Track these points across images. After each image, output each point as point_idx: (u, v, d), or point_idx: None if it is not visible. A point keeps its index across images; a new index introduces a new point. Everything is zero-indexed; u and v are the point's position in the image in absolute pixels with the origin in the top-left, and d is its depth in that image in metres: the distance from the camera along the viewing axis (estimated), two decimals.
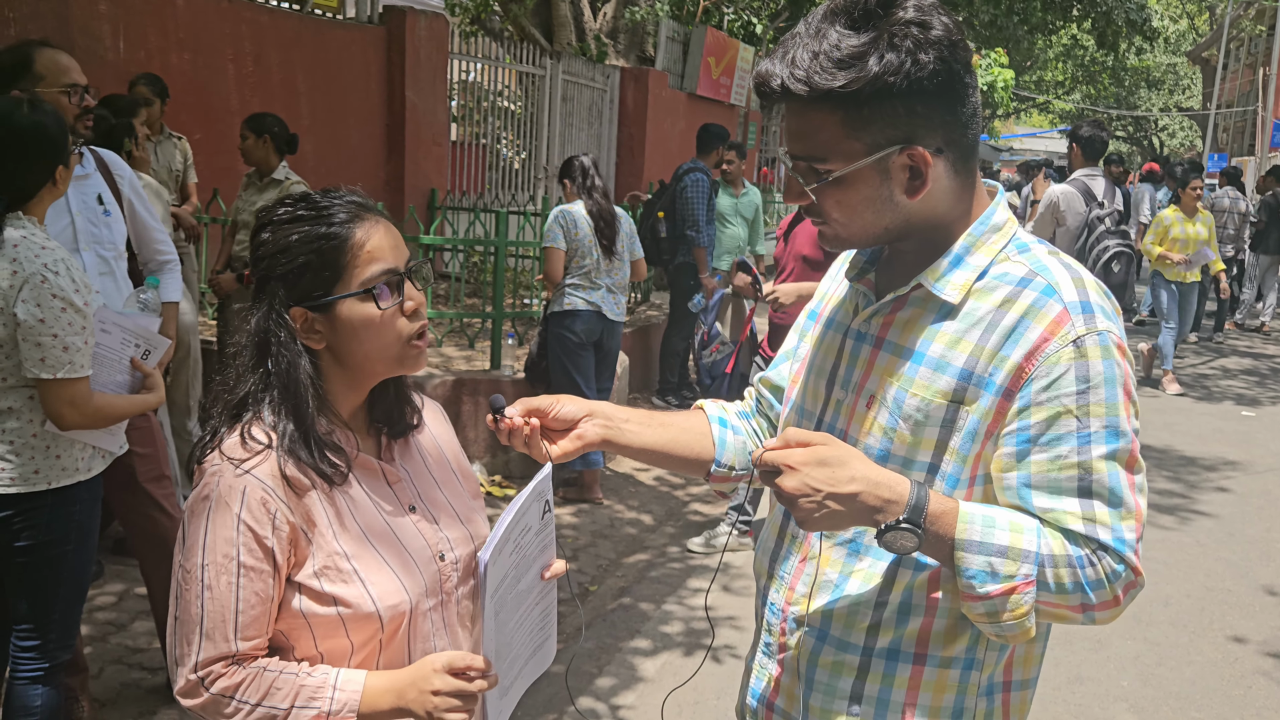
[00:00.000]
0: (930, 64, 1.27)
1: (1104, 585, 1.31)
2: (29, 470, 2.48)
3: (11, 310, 2.36)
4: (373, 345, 1.48)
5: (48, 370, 2.39)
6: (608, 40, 12.60)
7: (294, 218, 1.47)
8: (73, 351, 2.41)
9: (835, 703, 1.46)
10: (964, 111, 1.34)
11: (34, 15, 5.28)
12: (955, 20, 1.32)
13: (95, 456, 2.65)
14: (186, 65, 6.24)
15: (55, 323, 2.37)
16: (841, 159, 1.33)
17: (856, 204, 1.36)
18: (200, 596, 1.41)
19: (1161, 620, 4.53)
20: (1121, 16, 16.82)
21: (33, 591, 2.57)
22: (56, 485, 2.52)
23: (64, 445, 2.54)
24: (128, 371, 2.68)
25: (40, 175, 2.51)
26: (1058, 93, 41.95)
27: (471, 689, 1.44)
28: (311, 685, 1.43)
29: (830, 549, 1.48)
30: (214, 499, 1.42)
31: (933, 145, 1.32)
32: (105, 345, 2.61)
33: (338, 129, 7.71)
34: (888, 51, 1.26)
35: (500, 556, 1.43)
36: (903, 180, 1.34)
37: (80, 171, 3.12)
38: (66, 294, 2.39)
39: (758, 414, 1.76)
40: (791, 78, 1.29)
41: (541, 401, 1.55)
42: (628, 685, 3.74)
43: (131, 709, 3.35)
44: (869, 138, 1.31)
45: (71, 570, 2.60)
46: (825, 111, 1.30)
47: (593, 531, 5.27)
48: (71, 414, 2.45)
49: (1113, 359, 1.31)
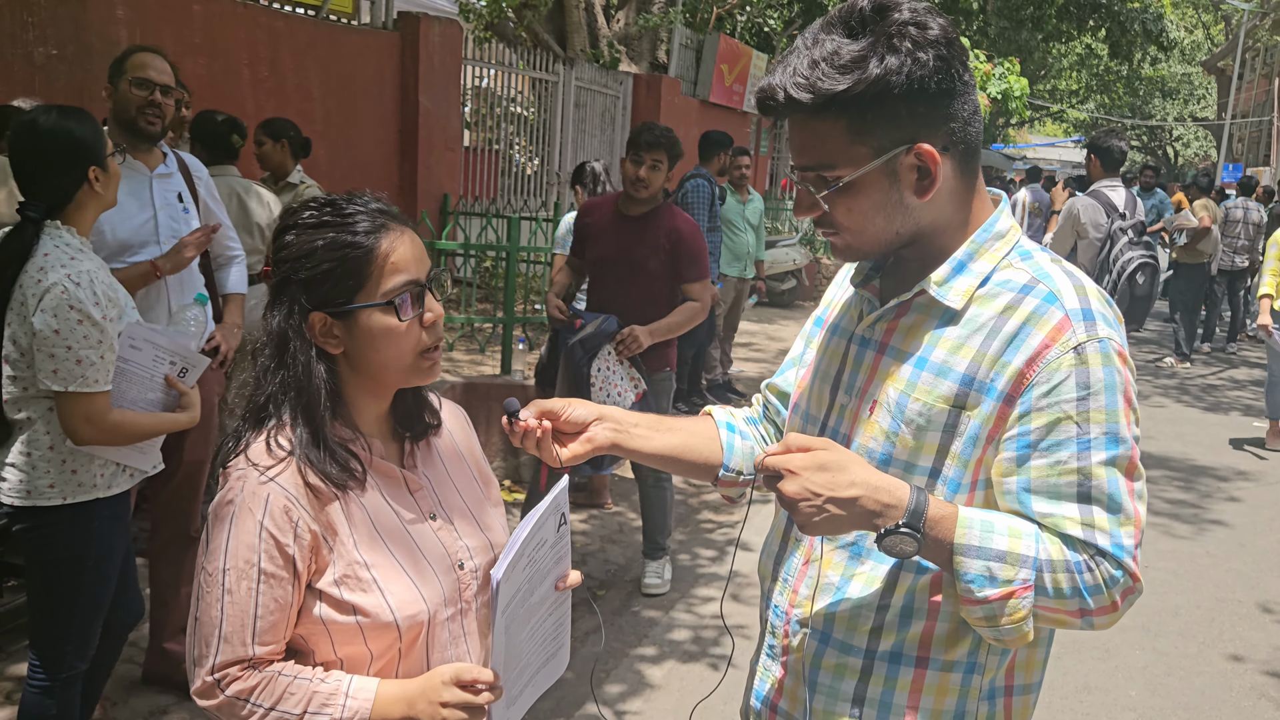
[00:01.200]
0: (930, 63, 1.29)
1: (1102, 591, 1.32)
2: (43, 484, 2.46)
3: (31, 319, 2.34)
4: (389, 354, 1.49)
5: (59, 382, 2.36)
6: (621, 47, 12.63)
7: (319, 223, 1.47)
8: (86, 365, 2.37)
9: (838, 705, 1.47)
10: (965, 110, 1.35)
11: (52, 20, 5.33)
12: (950, 20, 1.33)
13: (119, 474, 2.60)
14: (202, 70, 6.29)
15: (70, 335, 2.34)
16: (849, 164, 1.34)
17: (867, 209, 1.37)
18: (220, 600, 1.42)
19: (1170, 631, 4.52)
20: (1138, 26, 16.79)
21: (49, 604, 2.57)
22: (72, 501, 2.49)
23: (82, 461, 2.50)
24: (161, 389, 2.61)
25: (72, 179, 2.48)
26: (1071, 101, 41.84)
27: (478, 702, 1.45)
28: (325, 692, 1.44)
29: (832, 552, 1.49)
30: (238, 504, 1.44)
31: (938, 144, 1.34)
32: (135, 362, 2.54)
33: (352, 134, 7.75)
34: (887, 54, 1.28)
35: (514, 573, 1.44)
36: (911, 181, 1.35)
37: (163, 170, 3.23)
38: (84, 306, 2.36)
39: (765, 420, 1.78)
40: (795, 86, 1.31)
41: (554, 404, 1.56)
42: (636, 692, 3.74)
43: (143, 707, 3.37)
44: (875, 141, 1.32)
45: (90, 586, 2.58)
46: (830, 119, 1.32)
47: (602, 537, 5.28)
48: (86, 429, 2.41)
49: (1113, 366, 1.32)
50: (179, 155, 3.36)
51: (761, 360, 9.77)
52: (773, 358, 9.94)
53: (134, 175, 3.09)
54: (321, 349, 1.48)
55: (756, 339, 10.69)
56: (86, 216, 2.55)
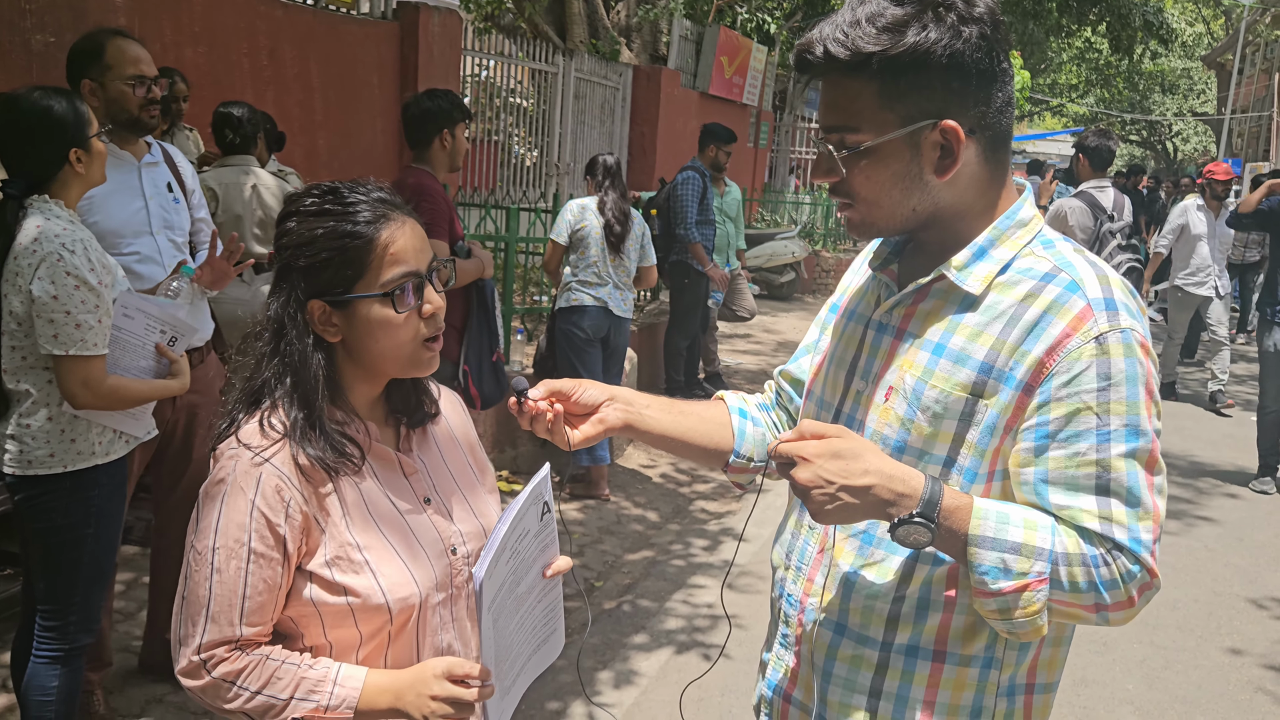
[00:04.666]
0: (972, 39, 1.28)
1: (1118, 585, 1.30)
2: (42, 454, 2.51)
3: (28, 288, 2.40)
4: (387, 345, 1.48)
5: (60, 347, 2.42)
6: (621, 38, 12.60)
7: (320, 211, 1.46)
8: (85, 329, 2.43)
9: (854, 697, 1.46)
10: (999, 96, 1.34)
11: (50, 7, 5.29)
12: (997, 2, 1.32)
13: (116, 441, 2.66)
14: (202, 59, 6.26)
15: (68, 300, 2.40)
16: (874, 129, 1.32)
17: (885, 179, 1.35)
18: (209, 579, 1.41)
19: (1169, 624, 4.52)
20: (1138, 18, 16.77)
21: (53, 573, 2.60)
22: (72, 469, 2.54)
23: (80, 429, 2.56)
24: (153, 357, 2.70)
25: (53, 158, 2.52)
26: (1071, 96, 41.76)
27: (468, 697, 1.44)
28: (313, 678, 1.44)
29: (844, 540, 1.47)
30: (229, 484, 1.43)
31: (966, 125, 1.32)
32: (128, 330, 2.62)
33: (351, 123, 7.72)
34: (930, 23, 1.27)
35: (496, 569, 1.43)
36: (933, 158, 1.34)
37: (150, 159, 3.21)
38: (80, 272, 2.42)
39: (777, 407, 1.76)
40: (834, 42, 1.30)
41: (565, 385, 1.54)
42: (630, 681, 3.74)
43: (139, 696, 3.36)
44: (903, 109, 1.31)
45: (92, 554, 2.62)
46: (862, 80, 1.31)
47: (599, 528, 5.28)
48: (84, 394, 2.47)
49: (1135, 357, 1.30)
50: (161, 145, 3.34)
51: (759, 353, 9.77)
52: (771, 350, 9.94)
53: (122, 165, 3.06)
54: (319, 336, 1.48)
55: (754, 331, 10.68)
56: (72, 193, 2.59)
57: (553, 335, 5.65)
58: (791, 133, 18.75)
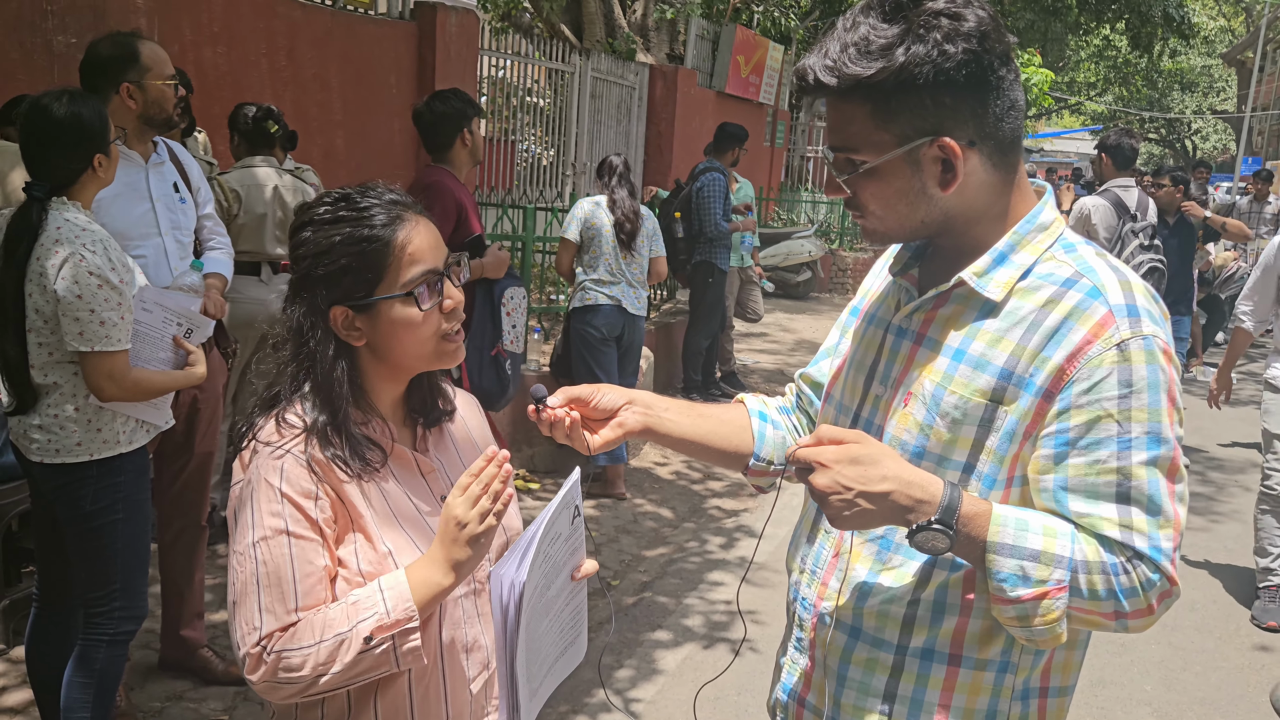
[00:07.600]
0: (958, 55, 1.27)
1: (1138, 593, 1.29)
2: (70, 443, 2.61)
3: (53, 288, 2.48)
4: (410, 343, 1.50)
5: (85, 343, 2.51)
6: (637, 38, 12.59)
7: (335, 218, 1.47)
8: (109, 326, 2.53)
9: (868, 701, 1.46)
10: (998, 105, 1.33)
11: (71, 8, 5.33)
12: (992, 12, 1.31)
13: (138, 430, 2.74)
14: (220, 59, 6.30)
15: (92, 299, 2.49)
16: (873, 150, 1.33)
17: (890, 196, 1.36)
18: (255, 574, 1.41)
19: (1187, 625, 4.49)
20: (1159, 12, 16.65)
21: (89, 561, 2.69)
22: (99, 457, 2.63)
23: (105, 419, 2.64)
24: (170, 349, 2.80)
25: (79, 163, 2.60)
26: (1090, 94, 41.51)
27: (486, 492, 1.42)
28: (361, 598, 1.41)
29: (861, 545, 1.47)
30: (255, 480, 1.44)
31: (963, 138, 1.32)
32: (147, 323, 2.71)
33: (369, 123, 7.75)
34: (914, 43, 1.27)
35: (533, 573, 1.43)
36: (935, 173, 1.34)
37: (156, 159, 3.24)
38: (102, 271, 2.51)
39: (797, 410, 1.76)
40: (824, 69, 1.31)
41: (582, 391, 1.55)
42: (647, 678, 3.75)
43: (159, 692, 3.39)
44: (898, 129, 1.31)
45: (126, 539, 2.71)
46: (856, 103, 1.31)
47: (615, 526, 5.29)
48: (110, 386, 2.56)
49: (1157, 364, 1.29)
50: (167, 143, 3.36)
51: (777, 352, 9.76)
52: (788, 350, 9.92)
53: (130, 167, 3.09)
54: (342, 342, 1.49)
55: (771, 331, 10.66)
56: (88, 195, 2.68)
57: (568, 335, 5.67)
58: (808, 132, 18.70)
